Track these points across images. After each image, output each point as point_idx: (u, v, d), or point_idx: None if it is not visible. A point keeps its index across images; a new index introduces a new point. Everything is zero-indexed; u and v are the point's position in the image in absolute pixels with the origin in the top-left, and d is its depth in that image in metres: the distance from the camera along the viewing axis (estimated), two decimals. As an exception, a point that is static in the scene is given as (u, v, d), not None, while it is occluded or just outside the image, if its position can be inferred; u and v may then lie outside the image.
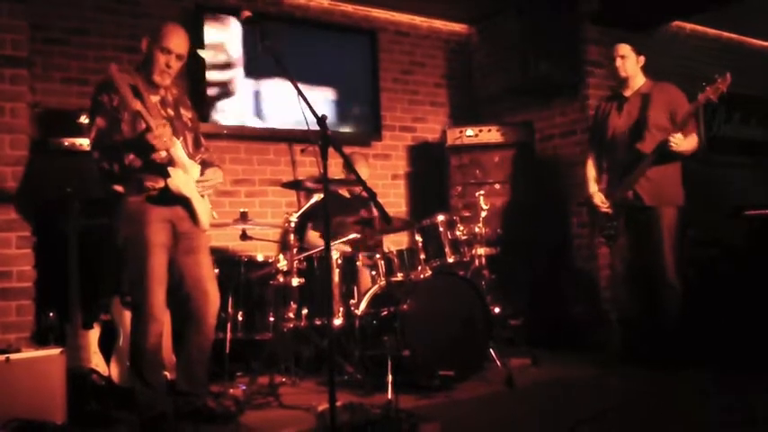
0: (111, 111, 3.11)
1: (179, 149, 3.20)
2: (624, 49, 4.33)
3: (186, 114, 3.44)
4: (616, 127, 4.40)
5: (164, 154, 3.10)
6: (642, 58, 4.35)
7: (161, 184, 3.16)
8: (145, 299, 3.12)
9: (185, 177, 3.20)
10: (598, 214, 4.42)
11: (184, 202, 3.24)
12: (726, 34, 6.92)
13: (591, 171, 4.55)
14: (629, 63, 4.33)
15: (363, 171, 5.09)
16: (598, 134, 4.55)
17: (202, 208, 3.30)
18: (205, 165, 3.40)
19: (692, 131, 4.21)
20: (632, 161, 4.25)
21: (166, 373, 3.67)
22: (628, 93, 4.40)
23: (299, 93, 2.80)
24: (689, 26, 6.54)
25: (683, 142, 4.11)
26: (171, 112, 3.33)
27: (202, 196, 3.32)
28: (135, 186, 3.15)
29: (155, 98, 3.25)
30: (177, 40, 3.25)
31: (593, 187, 4.48)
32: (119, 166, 3.07)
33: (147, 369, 3.17)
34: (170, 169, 3.15)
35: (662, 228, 4.21)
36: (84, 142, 4.16)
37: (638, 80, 4.38)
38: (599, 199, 4.39)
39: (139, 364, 3.17)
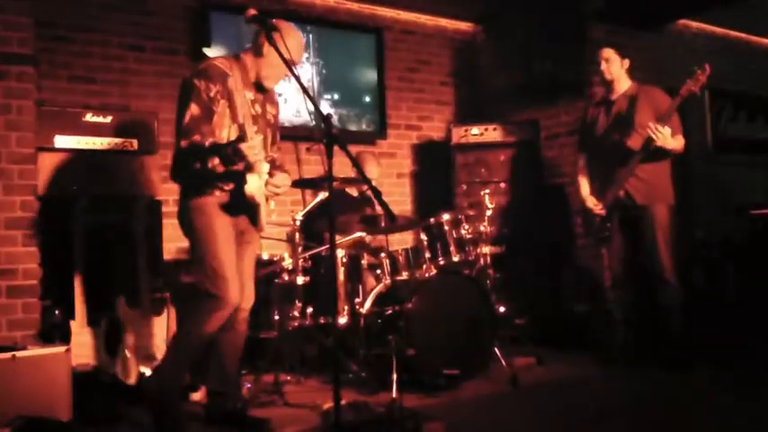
0: (206, 100, 2.99)
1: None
2: (608, 52, 4.37)
3: (271, 111, 3.35)
4: (604, 129, 4.42)
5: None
6: (627, 62, 4.38)
7: (231, 186, 3.08)
8: (222, 286, 3.00)
9: (259, 183, 3.08)
10: (591, 218, 4.43)
11: (252, 208, 3.14)
12: (732, 33, 6.90)
13: (583, 176, 4.55)
14: (614, 66, 4.36)
15: (373, 170, 5.09)
16: (588, 138, 4.56)
17: (264, 211, 3.20)
18: (273, 165, 3.29)
19: (678, 132, 4.21)
20: (622, 160, 4.25)
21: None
22: (614, 96, 4.42)
23: (305, 91, 2.79)
24: (695, 24, 6.53)
25: (669, 139, 4.10)
26: (259, 109, 3.23)
27: (267, 199, 3.22)
28: (207, 186, 3.07)
29: (249, 94, 3.15)
30: (297, 55, 3.18)
31: (586, 191, 4.48)
32: (201, 166, 3.00)
33: (185, 357, 3.05)
34: (248, 175, 3.02)
35: (655, 226, 4.21)
36: (89, 140, 4.16)
37: (623, 83, 4.40)
38: (591, 202, 4.40)
39: (181, 353, 3.04)
